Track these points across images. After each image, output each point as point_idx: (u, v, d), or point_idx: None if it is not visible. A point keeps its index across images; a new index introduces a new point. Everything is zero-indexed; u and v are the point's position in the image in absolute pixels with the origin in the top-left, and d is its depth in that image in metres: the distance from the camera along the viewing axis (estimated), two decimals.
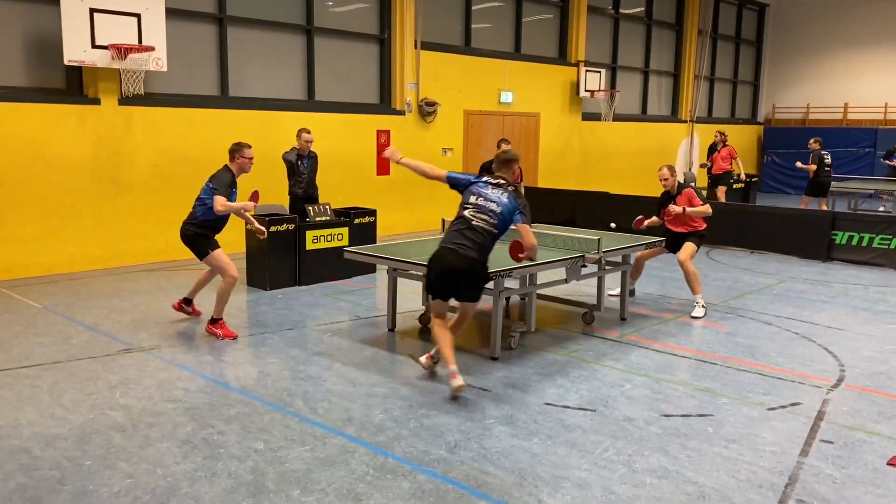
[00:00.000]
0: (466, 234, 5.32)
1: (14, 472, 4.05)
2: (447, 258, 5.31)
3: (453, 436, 4.58)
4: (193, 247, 6.58)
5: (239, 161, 6.53)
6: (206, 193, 6.44)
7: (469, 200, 5.45)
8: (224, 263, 6.56)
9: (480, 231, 5.33)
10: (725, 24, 22.00)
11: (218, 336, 6.52)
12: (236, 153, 6.54)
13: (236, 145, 6.58)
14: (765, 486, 3.99)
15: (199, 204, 6.51)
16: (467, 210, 5.41)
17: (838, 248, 10.93)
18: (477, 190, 5.47)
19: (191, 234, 6.53)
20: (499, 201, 5.41)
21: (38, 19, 9.20)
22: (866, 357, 6.34)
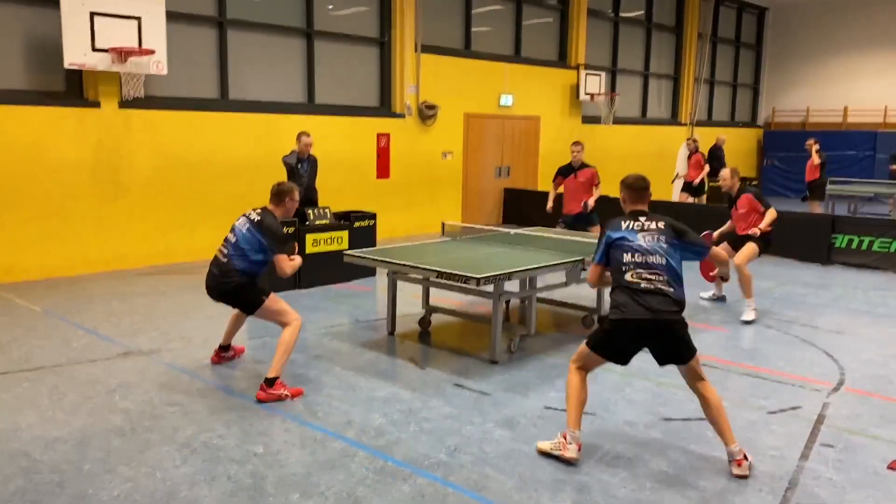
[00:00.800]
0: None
1: (13, 475, 4.04)
2: None
3: (453, 439, 4.57)
4: (242, 300, 5.44)
5: (289, 206, 5.51)
6: (248, 245, 5.30)
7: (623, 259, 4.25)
8: (284, 306, 5.43)
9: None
10: (725, 28, 22.02)
11: (285, 398, 5.18)
12: (287, 196, 5.46)
13: (287, 186, 5.50)
14: (765, 490, 3.99)
15: (240, 256, 5.31)
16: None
17: (838, 252, 10.93)
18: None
19: (233, 286, 5.33)
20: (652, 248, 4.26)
21: (39, 22, 9.20)
22: (866, 360, 6.34)
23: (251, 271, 5.35)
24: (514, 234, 7.91)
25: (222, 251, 5.39)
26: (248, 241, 5.31)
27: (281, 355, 5.23)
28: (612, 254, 4.31)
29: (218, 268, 5.37)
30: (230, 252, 5.34)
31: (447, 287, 6.35)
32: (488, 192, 15.26)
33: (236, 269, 5.30)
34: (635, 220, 4.35)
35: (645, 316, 4.13)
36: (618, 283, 4.25)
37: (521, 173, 15.88)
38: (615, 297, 4.26)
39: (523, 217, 14.36)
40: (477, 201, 15.03)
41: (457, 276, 5.72)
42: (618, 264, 4.26)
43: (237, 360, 6.07)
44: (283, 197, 5.45)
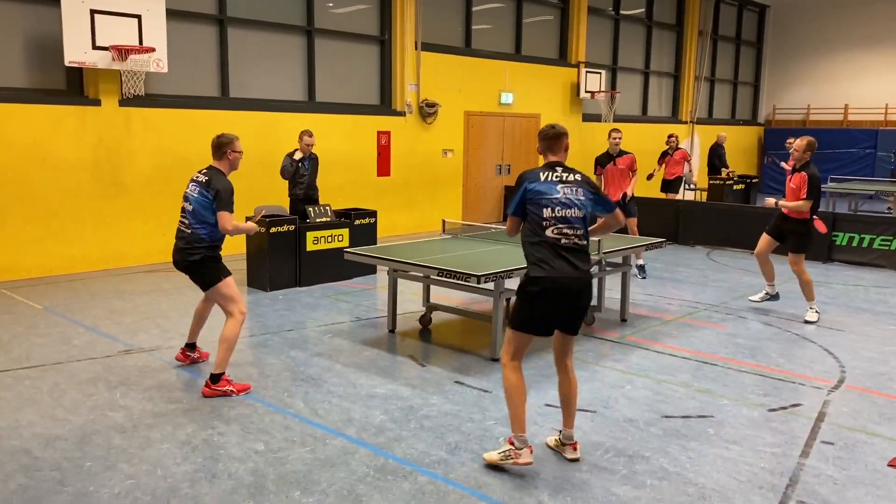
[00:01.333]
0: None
1: (14, 472, 4.04)
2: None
3: (454, 437, 4.57)
4: (201, 274, 5.30)
5: (231, 157, 5.38)
6: (204, 208, 5.20)
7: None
8: (236, 294, 5.37)
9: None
10: (726, 26, 22.01)
11: (231, 394, 5.18)
12: (227, 147, 5.33)
13: (226, 138, 5.36)
14: (765, 488, 3.99)
15: (199, 223, 5.22)
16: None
17: (839, 250, 10.93)
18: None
19: (198, 258, 5.24)
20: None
21: (39, 20, 9.20)
22: (867, 358, 6.34)
23: (215, 235, 5.26)
24: None
25: (184, 222, 5.29)
26: (203, 204, 5.20)
27: (224, 351, 5.19)
28: (529, 207, 4.10)
29: (183, 240, 5.28)
30: (191, 221, 5.23)
31: (448, 285, 6.35)
32: (489, 189, 15.26)
33: (200, 236, 5.22)
34: (553, 171, 4.16)
35: (572, 274, 4.00)
36: (537, 239, 4.05)
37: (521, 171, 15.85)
38: (533, 252, 4.05)
39: None
40: (477, 199, 15.03)
41: (457, 274, 5.72)
42: (537, 219, 4.05)
43: (203, 363, 5.91)
44: (224, 150, 5.31)
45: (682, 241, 12.43)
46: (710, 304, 8.25)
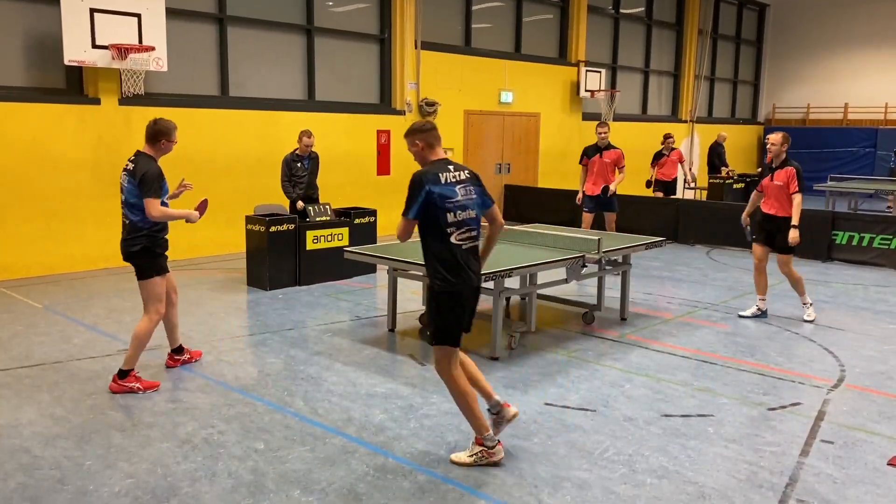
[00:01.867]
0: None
1: (14, 471, 4.05)
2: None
3: (453, 436, 4.58)
4: (137, 266, 5.24)
5: (164, 146, 5.20)
6: (134, 196, 5.09)
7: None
8: (159, 293, 5.29)
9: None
10: (726, 24, 22.00)
11: (137, 391, 5.18)
12: (163, 136, 5.15)
13: (163, 126, 5.17)
14: (765, 486, 3.99)
15: (132, 210, 5.12)
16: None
17: (838, 248, 10.93)
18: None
19: (139, 248, 5.16)
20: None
21: (39, 19, 9.20)
22: (866, 357, 6.34)
23: (151, 223, 5.13)
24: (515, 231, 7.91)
25: (123, 213, 5.21)
26: (132, 192, 5.08)
27: (135, 348, 5.23)
28: (431, 210, 3.96)
29: (124, 230, 5.23)
30: (125, 211, 5.17)
31: None
32: (489, 188, 15.12)
33: (137, 226, 5.12)
34: (448, 172, 4.04)
35: (476, 275, 4.11)
36: (444, 246, 3.96)
37: (521, 170, 15.87)
38: (443, 259, 3.94)
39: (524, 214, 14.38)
40: None
41: None
42: (441, 224, 3.95)
43: (195, 363, 5.87)
44: (160, 138, 5.16)
45: (682, 240, 12.43)
46: (710, 303, 8.25)
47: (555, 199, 14.59)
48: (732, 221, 11.96)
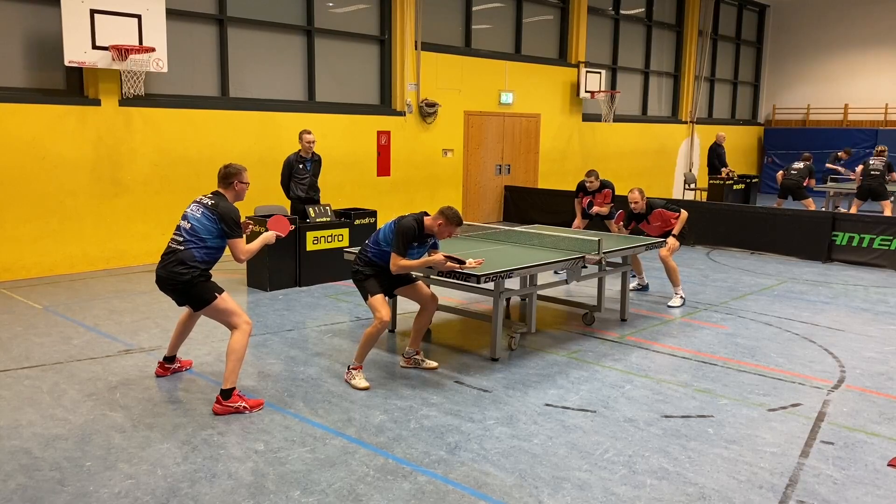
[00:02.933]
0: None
1: (14, 472, 4.05)
2: None
3: (453, 437, 4.58)
4: (193, 295, 5.00)
5: (238, 188, 5.14)
6: (206, 230, 4.96)
7: None
8: (235, 307, 5.07)
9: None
10: (726, 25, 22.00)
11: (244, 410, 4.92)
12: (235, 178, 5.11)
13: (234, 168, 5.14)
14: (765, 487, 3.99)
15: (197, 243, 4.96)
16: None
17: (839, 249, 10.93)
18: None
19: (188, 278, 4.93)
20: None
21: (39, 20, 9.21)
22: (867, 358, 6.34)
23: (209, 259, 5.01)
24: (515, 232, 7.92)
25: (177, 240, 5.01)
26: (205, 226, 4.97)
27: (234, 364, 4.89)
28: None
29: (173, 257, 4.96)
30: (186, 239, 4.97)
31: (448, 284, 6.35)
32: (489, 189, 15.26)
33: (194, 257, 4.93)
34: None
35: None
36: None
37: (521, 171, 15.88)
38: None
39: (524, 215, 14.39)
40: (477, 199, 15.03)
41: (457, 274, 5.71)
42: None
43: (184, 373, 5.70)
44: (231, 180, 5.10)
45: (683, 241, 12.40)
46: (710, 303, 8.25)
47: (555, 200, 14.59)
48: (733, 222, 12.05)
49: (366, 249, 5.63)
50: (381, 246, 5.54)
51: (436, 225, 5.47)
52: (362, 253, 5.66)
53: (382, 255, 5.53)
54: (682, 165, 20.51)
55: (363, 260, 5.60)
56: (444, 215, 5.42)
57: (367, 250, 5.61)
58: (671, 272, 8.10)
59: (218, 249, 5.04)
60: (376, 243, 5.56)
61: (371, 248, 5.59)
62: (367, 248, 5.63)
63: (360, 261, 5.63)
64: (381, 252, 5.54)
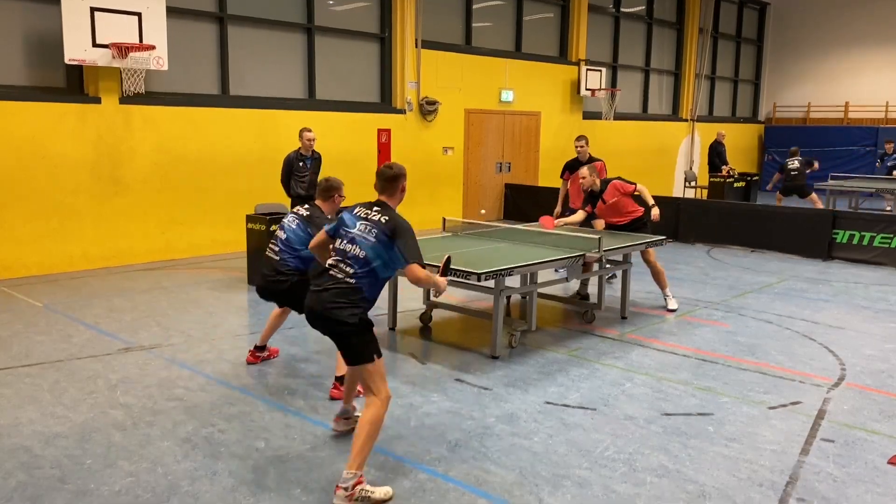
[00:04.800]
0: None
1: (14, 470, 4.05)
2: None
3: (454, 434, 4.58)
4: (297, 299, 4.99)
5: (337, 201, 5.41)
6: (298, 240, 5.30)
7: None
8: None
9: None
10: (726, 23, 21.98)
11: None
12: (335, 192, 5.38)
13: (335, 182, 5.39)
14: (765, 485, 3.99)
15: (291, 252, 5.34)
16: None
17: (839, 247, 10.93)
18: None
19: (288, 285, 5.30)
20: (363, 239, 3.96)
21: (39, 18, 9.20)
22: (867, 356, 6.34)
23: (304, 267, 5.35)
24: (515, 230, 7.91)
25: (273, 249, 5.44)
26: (298, 236, 5.34)
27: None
28: None
29: (270, 267, 5.40)
30: (281, 249, 5.39)
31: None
32: (489, 188, 15.25)
33: (289, 266, 5.33)
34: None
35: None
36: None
37: (521, 169, 15.87)
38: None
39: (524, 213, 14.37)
40: (477, 197, 15.02)
41: (458, 272, 5.71)
42: None
43: (271, 360, 5.96)
44: (332, 193, 5.39)
45: (683, 239, 12.42)
46: (711, 301, 8.24)
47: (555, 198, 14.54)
48: (733, 220, 12.04)
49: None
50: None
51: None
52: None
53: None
54: (682, 163, 20.50)
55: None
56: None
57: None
58: (658, 275, 7.73)
59: (310, 258, 5.04)
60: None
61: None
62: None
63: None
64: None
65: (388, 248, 3.94)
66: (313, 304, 3.95)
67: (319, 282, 4.00)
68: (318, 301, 3.91)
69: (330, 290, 3.89)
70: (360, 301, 3.90)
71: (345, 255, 3.95)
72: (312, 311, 3.97)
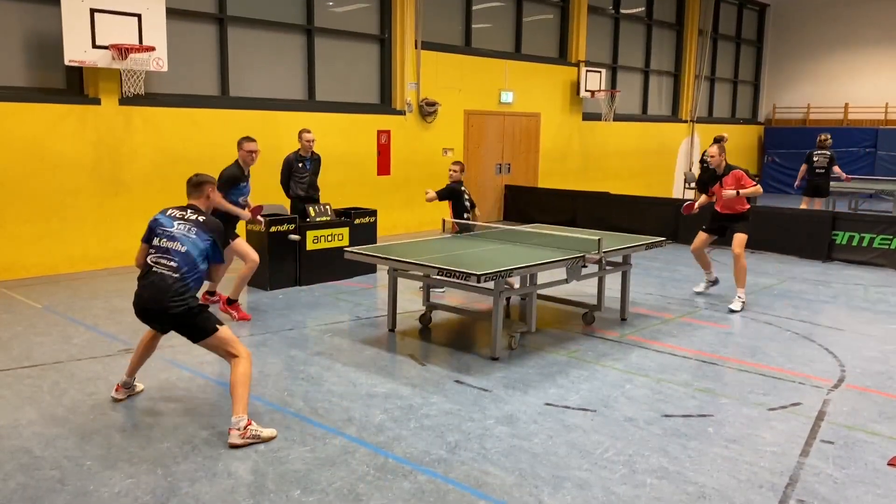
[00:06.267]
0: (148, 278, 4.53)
1: (14, 471, 4.05)
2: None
3: (453, 436, 4.58)
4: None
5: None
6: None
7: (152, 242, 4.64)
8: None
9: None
10: (726, 24, 22.00)
11: (233, 318, 6.85)
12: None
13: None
14: (765, 487, 3.99)
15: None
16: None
17: (839, 248, 10.93)
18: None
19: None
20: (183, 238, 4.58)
21: (39, 19, 9.20)
22: (867, 357, 6.34)
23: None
24: (515, 231, 7.92)
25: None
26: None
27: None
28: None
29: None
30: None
31: (448, 284, 6.35)
32: (489, 188, 15.26)
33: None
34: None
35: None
36: None
37: (521, 170, 15.87)
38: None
39: (524, 214, 14.38)
40: (477, 198, 14.95)
41: (458, 273, 5.72)
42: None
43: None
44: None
45: (682, 240, 12.41)
46: (710, 302, 8.24)
47: (555, 199, 14.59)
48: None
49: (185, 280, 4.51)
50: (199, 267, 4.66)
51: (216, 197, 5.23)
52: (183, 282, 4.51)
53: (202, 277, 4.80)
54: (682, 164, 20.51)
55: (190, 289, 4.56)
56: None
57: (188, 279, 4.54)
58: (740, 271, 7.90)
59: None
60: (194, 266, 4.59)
61: (192, 275, 4.58)
62: (186, 278, 4.52)
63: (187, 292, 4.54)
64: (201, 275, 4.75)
65: (205, 243, 4.63)
66: (146, 302, 4.51)
67: (146, 281, 4.53)
68: (151, 298, 4.47)
69: (159, 286, 4.45)
70: (187, 291, 4.49)
71: (167, 252, 4.54)
72: (146, 309, 4.53)
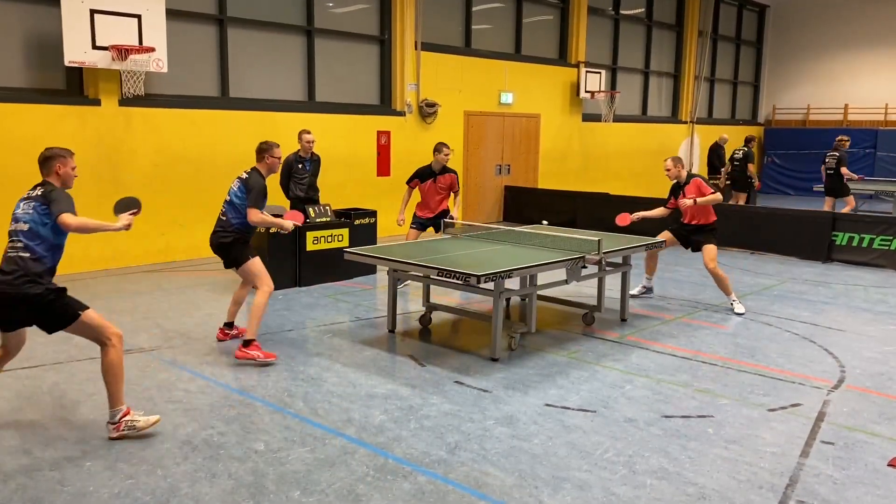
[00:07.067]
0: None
1: (14, 472, 4.04)
2: None
3: (453, 437, 4.58)
4: (232, 255, 6.06)
5: (269, 161, 6.14)
6: (239, 201, 6.00)
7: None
8: (263, 270, 6.09)
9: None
10: (726, 25, 22.01)
11: (256, 359, 5.85)
12: (266, 153, 6.14)
13: (265, 144, 6.19)
14: (765, 487, 3.99)
15: (233, 212, 6.03)
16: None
17: (838, 249, 10.93)
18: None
19: (229, 240, 6.03)
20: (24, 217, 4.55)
21: (39, 20, 9.21)
22: (867, 358, 6.34)
23: (245, 227, 6.04)
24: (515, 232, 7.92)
25: (222, 210, 6.13)
26: (239, 197, 6.04)
27: (255, 318, 5.89)
28: None
29: (219, 225, 6.11)
30: (226, 209, 6.09)
31: (448, 285, 6.35)
32: (489, 189, 15.26)
33: (231, 224, 6.02)
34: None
35: None
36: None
37: (521, 171, 15.88)
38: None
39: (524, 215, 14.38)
40: (477, 199, 15.03)
41: (457, 274, 5.72)
42: None
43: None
44: (263, 154, 6.15)
45: None
46: (710, 303, 8.25)
47: (555, 200, 14.59)
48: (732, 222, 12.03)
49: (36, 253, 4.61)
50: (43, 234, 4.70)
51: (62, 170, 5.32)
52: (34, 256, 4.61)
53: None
54: None
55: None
56: None
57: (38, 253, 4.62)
58: (722, 283, 7.82)
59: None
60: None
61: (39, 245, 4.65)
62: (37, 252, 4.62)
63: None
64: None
65: (44, 214, 4.61)
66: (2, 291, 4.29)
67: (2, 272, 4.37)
68: (6, 286, 4.29)
69: (12, 273, 4.33)
70: (43, 273, 4.44)
71: (14, 235, 4.54)
72: (2, 298, 4.30)
